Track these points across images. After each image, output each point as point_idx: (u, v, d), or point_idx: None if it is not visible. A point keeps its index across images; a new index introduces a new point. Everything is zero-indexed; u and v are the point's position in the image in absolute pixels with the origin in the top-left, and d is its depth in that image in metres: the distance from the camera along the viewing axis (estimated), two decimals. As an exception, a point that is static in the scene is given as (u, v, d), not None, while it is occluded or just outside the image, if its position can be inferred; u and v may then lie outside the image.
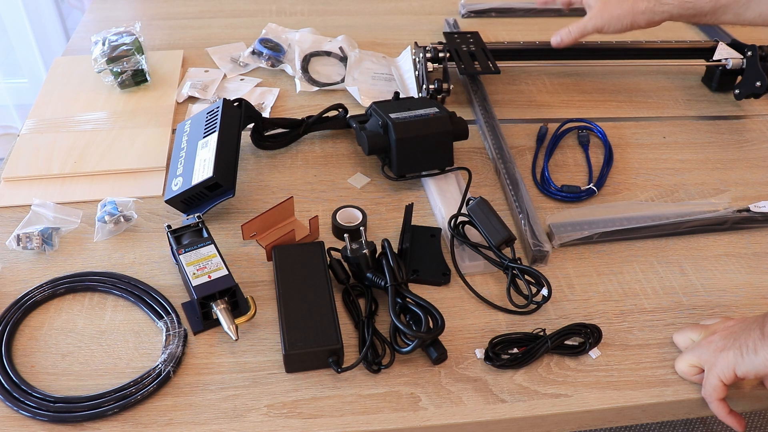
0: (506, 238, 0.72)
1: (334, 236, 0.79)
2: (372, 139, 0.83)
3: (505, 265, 0.72)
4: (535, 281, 0.70)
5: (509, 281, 0.71)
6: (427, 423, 0.61)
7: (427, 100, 0.88)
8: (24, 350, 0.65)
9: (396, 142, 0.81)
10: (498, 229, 0.73)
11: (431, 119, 0.83)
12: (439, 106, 0.86)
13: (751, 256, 0.79)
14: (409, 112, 0.84)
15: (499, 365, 0.64)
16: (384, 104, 0.87)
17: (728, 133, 0.99)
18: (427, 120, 0.83)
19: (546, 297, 0.69)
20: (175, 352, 0.64)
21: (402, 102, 0.88)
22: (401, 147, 0.82)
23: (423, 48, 1.03)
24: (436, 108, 0.85)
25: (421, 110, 0.84)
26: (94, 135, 0.92)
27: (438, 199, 0.82)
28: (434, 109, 0.85)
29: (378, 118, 0.84)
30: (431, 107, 0.85)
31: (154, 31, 1.18)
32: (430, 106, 0.86)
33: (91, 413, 0.59)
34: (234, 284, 0.67)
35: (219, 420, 0.60)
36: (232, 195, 0.79)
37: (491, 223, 0.73)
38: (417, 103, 0.87)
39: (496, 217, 0.74)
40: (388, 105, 0.87)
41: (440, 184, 0.84)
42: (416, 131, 0.82)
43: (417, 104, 0.87)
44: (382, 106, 0.86)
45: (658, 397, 0.63)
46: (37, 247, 0.74)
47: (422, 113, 0.84)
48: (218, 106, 0.84)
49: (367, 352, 0.64)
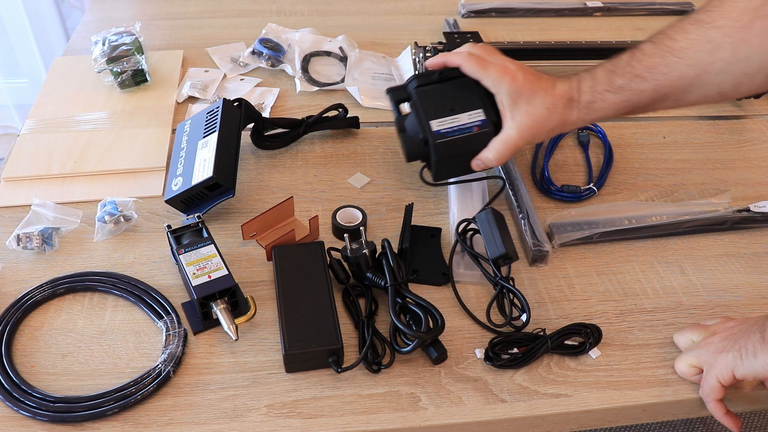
0: (502, 255, 0.70)
1: (334, 236, 0.79)
2: (411, 149, 0.78)
3: (495, 280, 0.71)
4: (519, 304, 0.69)
5: (493, 297, 0.70)
6: (427, 423, 0.61)
7: (473, 94, 0.76)
8: (24, 350, 0.65)
9: (436, 163, 0.76)
10: (497, 244, 0.70)
11: (474, 137, 0.75)
12: (486, 107, 0.76)
13: (751, 256, 0.79)
14: (453, 120, 0.75)
15: (499, 365, 0.64)
16: (426, 95, 0.77)
17: (728, 133, 0.99)
18: (471, 138, 0.75)
19: (524, 323, 0.68)
20: (175, 352, 0.64)
21: (446, 93, 0.77)
22: (440, 165, 0.77)
23: (423, 48, 1.03)
24: (482, 114, 0.76)
25: (466, 115, 0.76)
26: (94, 135, 0.92)
27: (455, 205, 0.81)
28: (479, 117, 0.75)
29: (418, 124, 0.76)
30: (476, 108, 0.76)
31: (154, 31, 1.18)
32: (475, 106, 0.76)
33: (91, 413, 0.59)
34: (234, 284, 0.67)
35: (219, 420, 0.60)
36: (232, 195, 0.79)
37: (494, 237, 0.71)
38: (462, 99, 0.76)
39: (502, 231, 0.72)
40: (431, 96, 0.77)
41: (462, 189, 0.83)
42: (457, 150, 0.76)
43: (462, 101, 0.76)
44: (424, 100, 0.77)
45: (658, 397, 0.63)
46: (37, 247, 0.74)
47: (466, 125, 0.75)
48: (218, 106, 0.84)
49: (367, 352, 0.64)
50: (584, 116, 0.73)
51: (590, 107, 0.72)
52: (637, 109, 0.72)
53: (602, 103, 0.71)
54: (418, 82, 0.78)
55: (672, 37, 0.67)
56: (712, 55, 0.65)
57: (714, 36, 0.65)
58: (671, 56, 0.67)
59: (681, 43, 0.67)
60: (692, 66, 0.66)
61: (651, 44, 0.69)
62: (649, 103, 0.71)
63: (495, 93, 0.74)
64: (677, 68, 0.67)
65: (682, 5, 1.32)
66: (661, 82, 0.68)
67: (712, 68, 0.65)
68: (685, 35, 0.67)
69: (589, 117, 0.73)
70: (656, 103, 0.71)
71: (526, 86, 0.72)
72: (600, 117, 0.73)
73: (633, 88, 0.69)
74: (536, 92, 0.72)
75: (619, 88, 0.70)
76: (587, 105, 0.72)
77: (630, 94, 0.70)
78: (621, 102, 0.71)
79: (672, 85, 0.68)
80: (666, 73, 0.68)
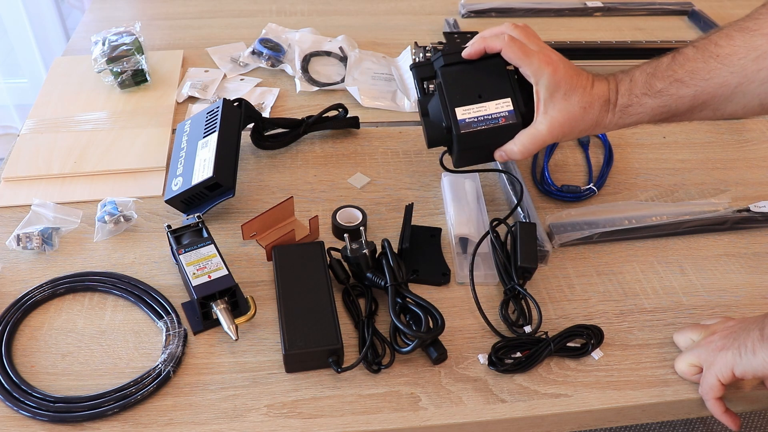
0: (530, 267, 0.71)
1: (334, 236, 0.79)
2: (433, 135, 0.75)
3: (511, 285, 0.71)
4: (527, 313, 0.69)
5: (504, 300, 0.70)
6: (427, 423, 0.61)
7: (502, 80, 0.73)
8: (24, 350, 0.65)
9: (458, 153, 0.74)
10: (531, 256, 0.71)
11: (500, 129, 0.72)
12: (515, 96, 0.72)
13: (751, 256, 0.79)
14: (479, 109, 0.72)
15: (503, 370, 0.64)
16: (452, 77, 0.73)
17: (728, 133, 0.99)
18: (496, 130, 0.72)
19: (527, 334, 0.68)
20: (175, 352, 0.64)
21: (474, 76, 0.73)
22: (463, 156, 0.75)
23: (423, 48, 1.03)
24: (510, 104, 0.72)
25: (493, 104, 0.72)
26: (94, 135, 0.92)
27: (451, 206, 0.80)
28: (507, 107, 0.72)
29: (442, 109, 0.73)
30: (505, 97, 0.72)
31: (154, 31, 1.18)
32: (504, 95, 0.72)
33: (91, 413, 0.59)
34: (234, 284, 0.67)
35: (219, 420, 0.60)
36: (232, 195, 0.79)
37: (529, 246, 0.71)
38: (490, 85, 0.72)
39: (535, 243, 0.73)
40: (458, 79, 0.73)
41: (456, 188, 0.82)
42: (482, 141, 0.73)
43: (490, 87, 0.72)
44: (450, 83, 0.73)
45: (658, 397, 0.63)
46: (37, 247, 0.74)
47: (493, 115, 0.72)
48: (218, 106, 0.84)
49: (367, 352, 0.64)
50: (618, 120, 0.70)
51: (626, 111, 0.69)
52: (674, 117, 0.69)
53: (639, 107, 0.69)
54: (445, 60, 0.74)
55: (716, 43, 0.65)
56: (757, 63, 0.63)
57: (761, 44, 0.62)
58: (714, 62, 0.65)
59: (725, 49, 0.64)
60: (735, 73, 0.64)
61: (693, 48, 0.67)
62: (686, 110, 0.68)
63: (534, 83, 0.70)
64: (719, 75, 0.65)
65: (682, 5, 1.32)
66: (701, 88, 0.66)
67: (757, 77, 0.63)
68: (729, 41, 0.65)
69: (623, 122, 0.70)
70: (694, 111, 0.68)
71: (565, 80, 0.68)
72: (634, 122, 0.70)
73: (672, 93, 0.67)
74: (575, 89, 0.69)
75: (658, 92, 0.67)
76: (623, 109, 0.69)
77: (668, 99, 0.68)
78: (658, 107, 0.68)
79: (712, 92, 0.66)
80: (707, 78, 0.65)
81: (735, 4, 1.38)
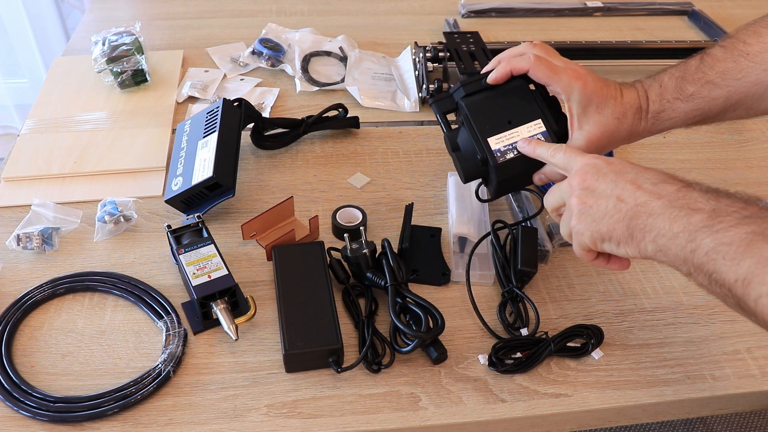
0: (530, 271, 0.71)
1: (334, 236, 0.79)
2: (469, 169, 0.72)
3: (510, 288, 0.71)
4: (524, 315, 0.69)
5: (502, 302, 0.70)
6: (427, 423, 0.61)
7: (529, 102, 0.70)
8: (24, 350, 0.65)
9: (497, 184, 0.71)
10: (532, 260, 0.71)
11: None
12: (545, 116, 0.70)
13: (751, 256, 0.79)
14: (512, 135, 0.69)
15: (504, 371, 0.64)
16: (477, 107, 0.71)
17: (728, 133, 0.99)
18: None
19: (523, 336, 0.68)
20: (175, 352, 0.64)
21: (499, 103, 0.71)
22: (501, 184, 0.71)
23: (423, 48, 1.03)
24: (542, 125, 0.70)
25: (525, 128, 0.69)
26: (94, 135, 0.92)
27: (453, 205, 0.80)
28: (539, 128, 0.70)
29: (474, 142, 0.70)
30: (535, 119, 0.70)
31: (154, 31, 1.18)
32: (534, 117, 0.70)
33: (91, 413, 0.59)
34: (234, 284, 0.67)
35: (219, 420, 0.60)
36: (232, 195, 0.79)
37: (530, 250, 0.71)
38: (518, 109, 0.70)
39: (536, 248, 0.73)
40: (483, 108, 0.70)
41: (460, 189, 0.82)
42: (520, 168, 0.70)
43: (518, 111, 0.70)
44: (476, 114, 0.70)
45: (658, 397, 0.63)
46: (37, 247, 0.74)
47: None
48: (218, 106, 0.84)
49: (367, 351, 0.64)
50: (651, 127, 0.68)
51: (658, 117, 0.68)
52: (707, 119, 0.68)
53: (671, 112, 0.67)
54: (465, 91, 0.71)
55: (744, 41, 0.64)
56: None
57: None
58: (745, 60, 0.64)
59: (755, 47, 0.63)
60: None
61: (722, 49, 0.66)
62: (719, 111, 0.67)
63: (565, 99, 0.68)
64: (752, 73, 0.64)
65: (682, 5, 1.32)
66: (734, 88, 0.65)
67: None
68: (758, 38, 0.64)
69: (656, 128, 0.69)
70: (727, 111, 0.67)
71: (596, 93, 0.67)
72: (667, 127, 0.68)
73: (705, 95, 0.66)
74: (606, 100, 0.67)
75: (690, 96, 0.66)
76: (655, 115, 0.68)
77: (701, 101, 0.66)
78: (691, 111, 0.67)
79: (746, 91, 0.65)
80: (740, 78, 0.64)
81: (735, 4, 1.38)
